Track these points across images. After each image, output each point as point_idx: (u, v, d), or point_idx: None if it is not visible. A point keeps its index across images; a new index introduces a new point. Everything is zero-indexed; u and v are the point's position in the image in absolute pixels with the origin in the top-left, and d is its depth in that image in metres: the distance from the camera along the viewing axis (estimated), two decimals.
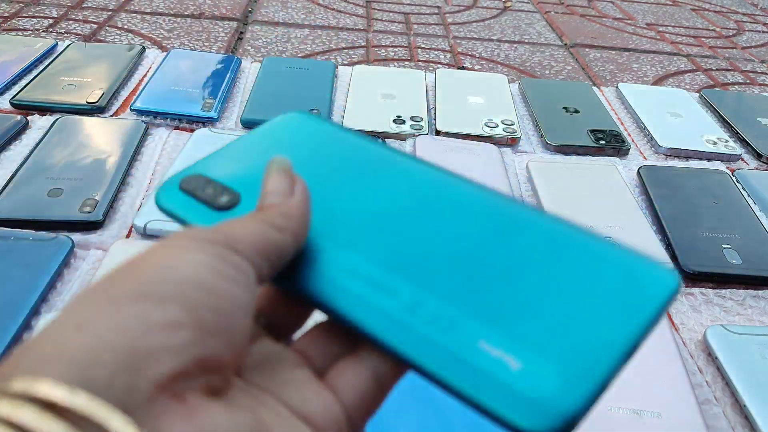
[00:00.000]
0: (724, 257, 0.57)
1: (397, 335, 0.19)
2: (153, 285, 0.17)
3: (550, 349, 0.17)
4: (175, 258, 0.17)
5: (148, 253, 0.18)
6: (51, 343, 0.15)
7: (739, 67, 1.07)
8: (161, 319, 0.16)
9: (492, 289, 0.19)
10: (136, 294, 0.16)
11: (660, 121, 0.81)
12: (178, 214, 0.23)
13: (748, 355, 0.46)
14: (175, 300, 0.16)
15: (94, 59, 0.81)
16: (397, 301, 0.19)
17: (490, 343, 0.17)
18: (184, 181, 0.24)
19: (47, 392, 0.14)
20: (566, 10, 1.28)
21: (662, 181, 0.67)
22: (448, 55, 1.01)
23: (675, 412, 0.41)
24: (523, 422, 0.16)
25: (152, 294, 0.16)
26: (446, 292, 0.19)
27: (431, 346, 0.18)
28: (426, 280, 0.19)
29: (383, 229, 0.22)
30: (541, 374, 0.17)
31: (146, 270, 0.17)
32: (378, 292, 0.20)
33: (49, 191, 0.56)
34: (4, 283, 0.46)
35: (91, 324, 0.15)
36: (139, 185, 0.60)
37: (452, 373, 0.17)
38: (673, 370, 0.44)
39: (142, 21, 1.01)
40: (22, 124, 0.67)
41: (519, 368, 0.17)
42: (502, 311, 0.18)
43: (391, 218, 0.22)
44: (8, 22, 0.95)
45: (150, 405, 0.15)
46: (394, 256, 0.20)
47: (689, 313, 0.52)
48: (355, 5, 1.19)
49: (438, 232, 0.21)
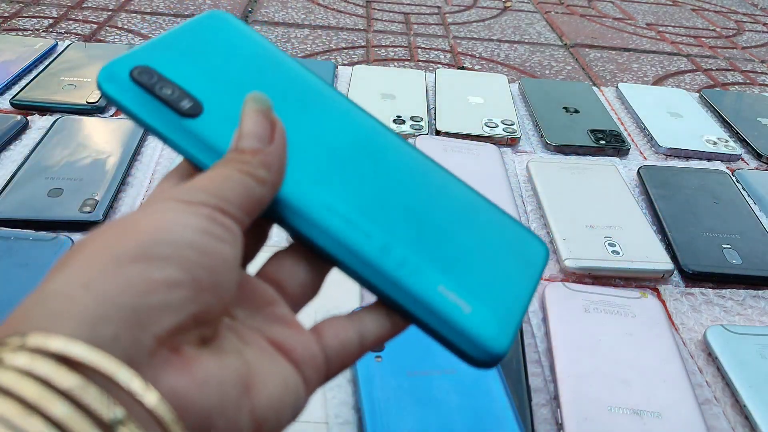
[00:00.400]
0: (724, 257, 0.57)
1: (375, 274, 0.22)
2: (152, 247, 0.17)
3: (487, 297, 0.22)
4: (171, 221, 0.18)
5: (142, 216, 0.19)
6: (60, 300, 0.16)
7: (739, 67, 1.07)
8: (161, 278, 0.17)
9: (441, 238, 0.23)
10: (137, 254, 0.17)
11: (660, 121, 0.81)
12: (135, 112, 0.22)
13: (748, 355, 0.46)
14: (173, 261, 0.18)
15: (94, 59, 0.81)
16: (371, 243, 0.22)
17: (448, 289, 0.22)
18: (136, 72, 0.22)
19: (61, 347, 0.15)
20: (566, 10, 1.28)
21: (662, 181, 0.67)
22: (448, 55, 1.01)
23: (675, 412, 0.41)
24: (476, 354, 0.21)
25: (152, 255, 0.17)
26: (409, 240, 0.23)
27: (403, 287, 0.22)
28: (391, 225, 0.23)
29: (341, 165, 0.24)
30: (484, 318, 0.22)
31: (144, 231, 0.18)
32: (354, 232, 0.22)
33: (49, 191, 0.56)
34: (4, 283, 0.46)
35: (97, 283, 0.16)
36: (139, 185, 0.60)
37: (423, 311, 0.22)
38: (673, 370, 0.44)
39: (142, 21, 1.01)
40: (22, 124, 0.67)
41: (469, 312, 0.22)
42: (451, 262, 0.23)
43: (342, 153, 0.24)
44: (8, 22, 0.95)
45: (151, 358, 0.17)
46: (361, 197, 0.23)
47: (689, 313, 0.52)
48: (355, 5, 1.19)
49: (387, 176, 0.24)
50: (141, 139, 0.66)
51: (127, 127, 0.67)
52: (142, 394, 0.16)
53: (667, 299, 0.53)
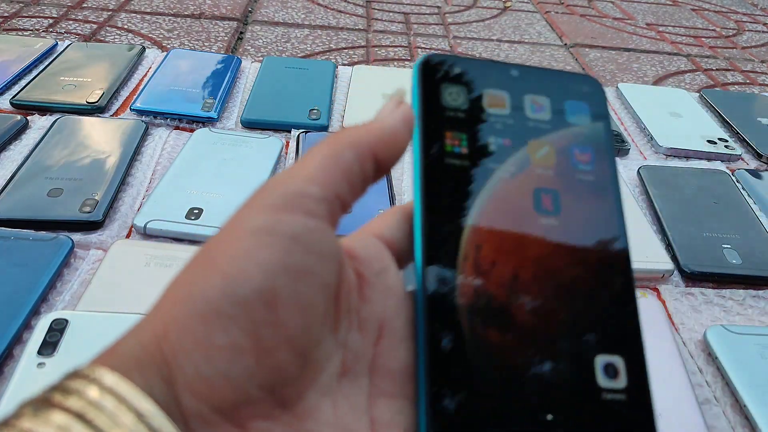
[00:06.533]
0: (724, 257, 0.57)
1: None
2: (219, 302, 0.16)
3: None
4: (243, 262, 0.17)
5: (222, 249, 0.17)
6: (134, 345, 0.16)
7: (739, 67, 1.07)
8: (224, 345, 0.16)
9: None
10: (205, 312, 0.16)
11: (660, 121, 0.81)
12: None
13: (748, 355, 0.46)
14: (239, 322, 0.16)
15: (94, 59, 0.81)
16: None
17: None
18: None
19: (128, 396, 0.15)
20: (566, 10, 1.28)
21: (662, 181, 0.67)
22: None
23: (675, 412, 0.41)
24: None
25: (219, 313, 0.16)
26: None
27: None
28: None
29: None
30: None
31: (216, 277, 0.17)
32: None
33: (49, 191, 0.56)
34: (4, 283, 0.46)
35: (168, 341, 0.16)
36: (139, 185, 0.60)
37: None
38: (673, 370, 0.44)
39: (142, 21, 1.01)
40: (22, 124, 0.67)
41: None
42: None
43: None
44: (8, 22, 0.95)
45: (209, 429, 0.16)
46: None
47: (689, 313, 0.52)
48: (355, 5, 1.19)
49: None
50: (141, 139, 0.66)
51: (127, 127, 0.67)
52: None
53: (667, 299, 0.53)
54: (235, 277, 0.16)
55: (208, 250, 0.18)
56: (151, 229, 0.53)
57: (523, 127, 0.22)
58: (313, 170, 0.18)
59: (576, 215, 0.21)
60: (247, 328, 0.16)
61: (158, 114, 0.71)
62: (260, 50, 0.96)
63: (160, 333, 0.16)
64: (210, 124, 0.71)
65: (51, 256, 0.49)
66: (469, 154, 0.21)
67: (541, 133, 0.22)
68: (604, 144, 0.22)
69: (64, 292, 0.47)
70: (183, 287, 0.17)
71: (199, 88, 0.76)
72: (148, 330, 0.17)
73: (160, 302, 0.17)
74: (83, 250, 0.52)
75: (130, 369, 0.16)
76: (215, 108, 0.72)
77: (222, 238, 0.18)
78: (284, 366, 0.17)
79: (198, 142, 0.66)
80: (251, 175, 0.62)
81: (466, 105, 0.22)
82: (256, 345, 0.16)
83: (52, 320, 0.42)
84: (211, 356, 0.16)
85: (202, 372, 0.16)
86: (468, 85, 0.22)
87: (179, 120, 0.72)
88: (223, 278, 0.16)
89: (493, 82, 0.22)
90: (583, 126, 0.22)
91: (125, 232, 0.54)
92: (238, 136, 0.68)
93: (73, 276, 0.49)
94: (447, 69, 0.22)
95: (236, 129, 0.72)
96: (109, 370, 0.15)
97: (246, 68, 0.85)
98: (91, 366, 0.16)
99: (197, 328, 0.16)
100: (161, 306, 0.17)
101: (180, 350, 0.16)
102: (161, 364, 0.16)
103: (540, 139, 0.22)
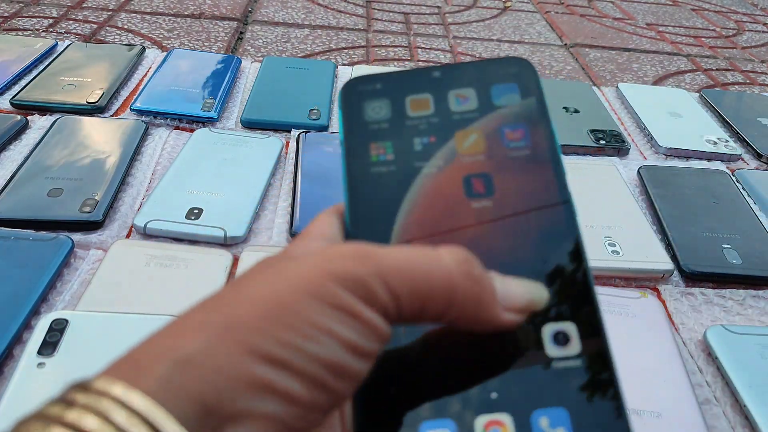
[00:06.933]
0: (724, 257, 0.57)
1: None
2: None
3: None
4: (302, 329, 0.16)
5: (268, 307, 0.16)
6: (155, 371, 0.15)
7: (739, 67, 1.07)
8: (277, 383, 0.16)
9: None
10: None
11: (660, 121, 0.81)
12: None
13: (748, 355, 0.46)
14: (299, 374, 0.16)
15: (94, 59, 0.81)
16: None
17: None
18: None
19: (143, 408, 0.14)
20: (566, 10, 1.28)
21: (662, 181, 0.67)
22: (448, 55, 1.01)
23: (675, 412, 0.41)
24: None
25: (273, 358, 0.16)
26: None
27: None
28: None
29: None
30: None
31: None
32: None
33: (49, 191, 0.56)
34: (4, 283, 0.46)
35: (192, 364, 0.15)
36: (139, 185, 0.60)
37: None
38: (673, 370, 0.44)
39: (142, 21, 1.01)
40: (22, 124, 0.67)
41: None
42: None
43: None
44: (8, 22, 0.95)
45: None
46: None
47: (689, 313, 0.52)
48: (355, 5, 1.19)
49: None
50: (141, 139, 0.66)
51: (127, 127, 0.67)
52: None
53: (667, 299, 0.53)
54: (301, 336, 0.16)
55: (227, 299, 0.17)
56: (151, 229, 0.53)
57: (448, 122, 0.23)
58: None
59: (512, 192, 0.21)
60: (309, 382, 0.16)
61: (158, 114, 0.71)
62: (260, 50, 0.96)
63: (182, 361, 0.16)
64: (210, 124, 0.71)
65: (51, 256, 0.49)
66: (395, 159, 0.22)
67: (467, 123, 0.22)
68: (538, 117, 0.23)
69: (64, 292, 0.47)
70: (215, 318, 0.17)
71: (199, 88, 0.76)
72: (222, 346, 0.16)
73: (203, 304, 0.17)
74: (83, 250, 0.52)
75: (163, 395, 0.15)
76: (215, 108, 0.72)
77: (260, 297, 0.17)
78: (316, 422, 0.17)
79: (198, 142, 0.66)
80: (251, 175, 0.62)
81: (388, 115, 0.23)
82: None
83: (52, 320, 0.42)
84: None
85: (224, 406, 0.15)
86: (390, 97, 0.23)
87: (179, 120, 0.72)
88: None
89: (415, 87, 0.23)
90: (513, 105, 0.23)
91: (125, 232, 0.54)
92: (238, 136, 0.68)
93: (73, 276, 0.49)
94: (368, 88, 0.23)
95: (236, 129, 0.72)
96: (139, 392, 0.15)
97: (246, 68, 0.85)
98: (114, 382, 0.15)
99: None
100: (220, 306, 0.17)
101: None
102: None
103: (467, 128, 0.22)
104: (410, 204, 0.21)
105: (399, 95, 0.23)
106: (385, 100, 0.23)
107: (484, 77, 0.23)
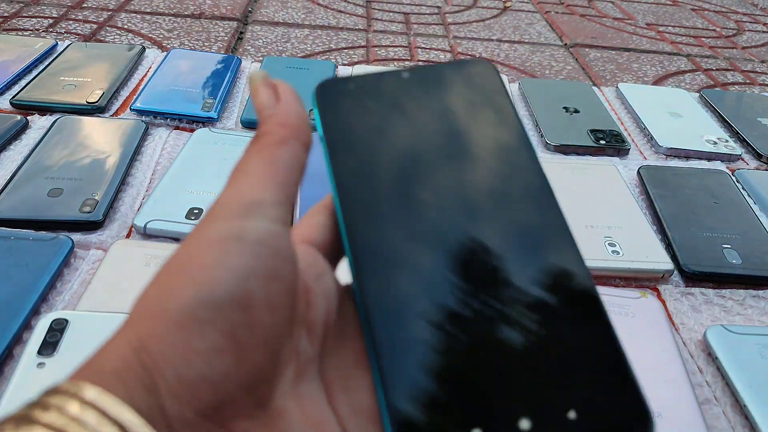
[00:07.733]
0: (724, 257, 0.57)
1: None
2: (195, 309, 0.17)
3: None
4: (213, 268, 0.17)
5: (191, 257, 0.18)
6: (113, 359, 0.17)
7: (739, 67, 1.07)
8: (203, 348, 0.17)
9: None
10: (180, 319, 0.17)
11: (660, 121, 0.81)
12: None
13: (748, 355, 0.46)
14: (216, 325, 0.17)
15: (94, 59, 0.81)
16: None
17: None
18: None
19: (110, 408, 0.15)
20: (566, 10, 1.28)
21: (662, 181, 0.67)
22: (448, 55, 1.01)
23: (675, 412, 0.41)
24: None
25: (195, 318, 0.17)
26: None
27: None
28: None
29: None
30: None
31: (189, 285, 0.17)
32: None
33: (49, 191, 0.56)
34: (4, 283, 0.46)
35: (147, 352, 0.16)
36: (139, 185, 0.60)
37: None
38: (673, 370, 0.44)
39: (142, 21, 1.01)
40: (22, 124, 0.67)
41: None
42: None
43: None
44: (8, 22, 0.95)
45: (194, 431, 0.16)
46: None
47: (689, 313, 0.52)
48: (355, 5, 1.19)
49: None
50: (141, 139, 0.66)
51: (127, 127, 0.67)
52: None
53: (667, 299, 0.53)
54: (208, 283, 0.17)
55: (176, 261, 0.18)
56: (151, 229, 0.53)
57: (420, 121, 0.24)
58: (261, 178, 0.19)
59: (492, 178, 0.23)
60: (225, 331, 0.17)
61: (158, 114, 0.71)
62: (260, 50, 0.96)
63: (138, 345, 0.16)
64: (210, 124, 0.71)
65: (51, 256, 0.49)
66: (374, 158, 0.23)
67: (440, 121, 0.24)
68: (504, 111, 0.24)
69: (64, 292, 0.47)
70: (155, 299, 0.18)
71: (199, 88, 0.76)
72: (124, 344, 0.17)
73: (132, 317, 0.18)
74: (83, 250, 0.52)
75: (111, 381, 0.16)
76: (215, 108, 0.72)
77: (188, 248, 0.18)
78: (261, 365, 0.17)
79: (198, 142, 0.66)
80: None
81: (363, 115, 0.24)
82: (234, 346, 0.17)
83: (52, 320, 0.42)
84: (192, 360, 0.16)
85: (184, 376, 0.16)
86: (362, 97, 0.25)
87: (179, 120, 0.72)
88: (196, 286, 0.17)
89: (386, 89, 0.25)
90: (480, 103, 0.25)
91: (125, 232, 0.54)
92: (238, 136, 0.68)
93: (73, 276, 0.49)
94: (341, 88, 0.25)
95: (236, 129, 0.72)
96: (89, 384, 0.16)
97: (246, 68, 0.85)
98: (70, 381, 0.16)
99: (176, 336, 0.16)
100: (134, 320, 0.17)
101: (160, 358, 0.16)
102: (142, 374, 0.16)
103: (440, 126, 0.24)
104: (398, 197, 0.22)
105: (371, 96, 0.25)
106: (357, 101, 0.25)
107: (449, 78, 0.25)
